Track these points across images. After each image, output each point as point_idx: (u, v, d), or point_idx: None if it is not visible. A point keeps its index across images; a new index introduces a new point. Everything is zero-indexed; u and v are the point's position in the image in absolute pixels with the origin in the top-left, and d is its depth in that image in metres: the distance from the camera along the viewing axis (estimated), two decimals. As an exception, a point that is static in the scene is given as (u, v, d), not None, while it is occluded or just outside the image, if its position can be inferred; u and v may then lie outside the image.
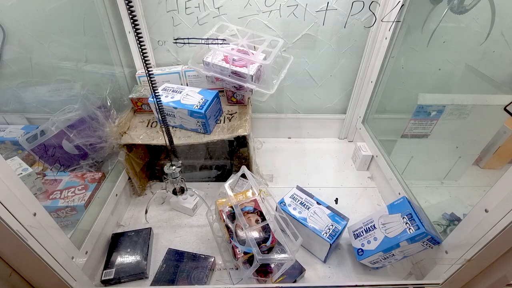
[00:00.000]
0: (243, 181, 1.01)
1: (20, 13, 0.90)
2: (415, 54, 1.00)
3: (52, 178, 0.87)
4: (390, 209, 0.78)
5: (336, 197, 1.04)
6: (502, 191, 0.51)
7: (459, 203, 0.86)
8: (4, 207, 0.45)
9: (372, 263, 0.78)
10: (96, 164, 0.98)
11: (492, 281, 0.56)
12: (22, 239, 0.48)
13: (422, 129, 0.94)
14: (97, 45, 1.00)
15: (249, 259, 0.75)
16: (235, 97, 1.00)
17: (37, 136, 0.87)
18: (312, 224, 0.80)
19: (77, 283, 0.63)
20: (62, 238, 0.61)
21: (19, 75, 1.01)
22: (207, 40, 0.90)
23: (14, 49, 0.95)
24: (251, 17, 1.00)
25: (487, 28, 0.80)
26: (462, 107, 0.87)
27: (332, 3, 0.97)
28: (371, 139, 1.12)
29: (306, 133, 1.33)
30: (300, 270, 0.78)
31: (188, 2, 0.97)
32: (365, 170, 1.16)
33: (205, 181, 1.11)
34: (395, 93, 1.09)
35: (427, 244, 0.69)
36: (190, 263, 0.79)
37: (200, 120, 0.86)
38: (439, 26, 0.88)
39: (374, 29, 1.00)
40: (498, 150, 0.95)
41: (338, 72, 1.14)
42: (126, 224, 0.94)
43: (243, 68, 0.87)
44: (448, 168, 0.94)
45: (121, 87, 1.04)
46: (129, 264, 0.79)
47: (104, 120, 0.88)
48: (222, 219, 0.81)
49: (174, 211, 0.98)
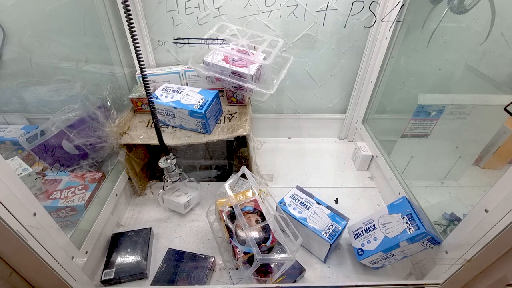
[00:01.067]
0: (243, 181, 1.01)
1: (20, 13, 0.90)
2: (415, 54, 1.00)
3: (52, 178, 0.87)
4: (390, 209, 0.78)
5: (336, 197, 1.04)
6: (502, 191, 0.51)
7: (459, 203, 0.86)
8: (4, 207, 0.45)
9: (372, 263, 0.78)
10: (96, 164, 0.98)
11: (492, 281, 0.56)
12: (22, 239, 0.48)
13: (422, 129, 0.94)
14: (97, 45, 1.00)
15: (249, 259, 0.75)
16: (235, 97, 1.00)
17: (37, 136, 0.88)
18: (312, 224, 0.80)
19: (77, 283, 0.63)
20: (62, 238, 0.61)
21: (19, 75, 1.01)
22: (207, 40, 0.90)
23: (14, 49, 0.95)
24: (251, 17, 1.00)
25: (487, 28, 0.80)
26: (462, 107, 0.87)
27: (332, 3, 0.97)
28: (371, 139, 1.12)
29: (306, 133, 1.33)
30: (300, 270, 0.78)
31: (188, 2, 0.97)
32: (365, 170, 1.16)
33: (205, 181, 1.11)
34: (395, 93, 1.09)
35: (427, 244, 0.69)
36: (190, 263, 0.79)
37: (200, 120, 0.86)
38: (439, 26, 0.88)
39: (374, 29, 1.00)
40: (498, 150, 0.95)
41: (338, 72, 1.14)
42: (126, 224, 0.94)
43: (243, 68, 0.87)
44: (448, 168, 0.94)
45: (121, 87, 1.04)
46: (129, 264, 0.79)
47: (104, 120, 0.88)
48: (222, 219, 0.81)
49: (174, 210, 0.98)
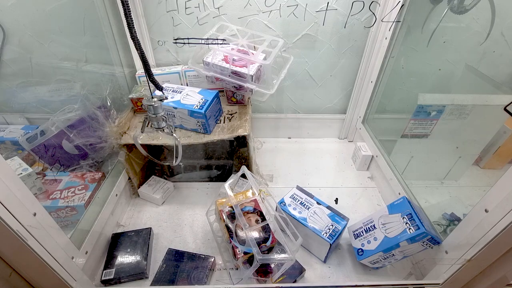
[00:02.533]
0: (243, 181, 1.01)
1: (20, 13, 0.90)
2: (415, 54, 1.00)
3: (52, 178, 0.87)
4: (390, 209, 0.78)
5: (336, 197, 1.04)
6: (502, 191, 0.51)
7: (459, 203, 0.86)
8: (4, 207, 0.45)
9: (372, 263, 0.78)
10: (96, 164, 0.98)
11: (492, 281, 0.56)
12: (22, 239, 0.48)
13: (422, 129, 0.94)
14: (97, 45, 1.00)
15: (249, 259, 0.75)
16: (235, 97, 1.00)
17: (37, 136, 0.87)
18: (312, 224, 0.80)
19: (77, 283, 0.63)
20: (62, 238, 0.61)
21: (19, 75, 1.01)
22: (207, 40, 0.90)
23: (14, 49, 0.95)
24: (251, 17, 1.00)
25: (487, 28, 0.80)
26: (462, 107, 0.87)
27: (332, 3, 0.97)
28: (371, 139, 1.12)
29: (306, 133, 1.33)
30: (300, 270, 0.78)
31: (188, 2, 0.97)
32: (365, 170, 1.16)
33: (205, 181, 1.11)
34: (395, 93, 1.09)
35: (427, 244, 0.69)
36: (190, 263, 0.79)
37: (200, 120, 0.86)
38: (439, 26, 0.88)
39: (374, 29, 1.00)
40: (498, 150, 0.95)
41: (338, 72, 1.14)
42: (126, 224, 0.94)
43: (243, 68, 0.87)
44: (448, 168, 0.94)
45: (121, 87, 1.04)
46: (129, 264, 0.79)
47: (104, 120, 0.88)
48: (222, 219, 0.81)
49: (173, 210, 0.98)
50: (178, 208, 0.99)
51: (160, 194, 0.99)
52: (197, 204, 1.01)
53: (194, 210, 0.98)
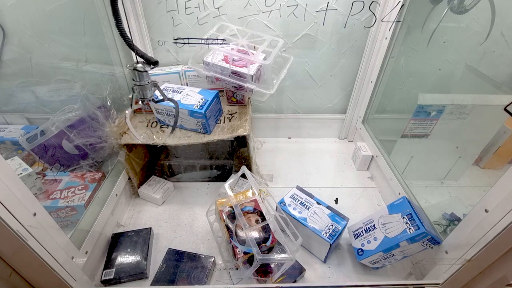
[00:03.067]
0: (243, 181, 1.01)
1: (20, 13, 0.90)
2: (415, 54, 1.00)
3: (52, 178, 0.87)
4: (390, 209, 0.78)
5: (336, 197, 1.04)
6: (502, 191, 0.51)
7: (459, 203, 0.86)
8: (4, 207, 0.45)
9: (372, 263, 0.78)
10: (96, 164, 0.98)
11: (492, 281, 0.56)
12: (22, 239, 0.48)
13: (422, 129, 0.94)
14: (97, 45, 1.00)
15: (249, 259, 0.75)
16: (235, 97, 1.00)
17: (37, 136, 0.88)
18: (312, 224, 0.80)
19: (77, 283, 0.63)
20: (62, 238, 0.61)
21: (19, 75, 1.01)
22: (207, 40, 0.90)
23: (14, 49, 0.95)
24: (251, 17, 1.00)
25: (487, 28, 0.80)
26: (462, 107, 0.87)
27: (332, 3, 0.97)
28: (371, 139, 1.12)
29: (306, 133, 1.33)
30: (300, 270, 0.78)
31: (188, 2, 0.97)
32: (365, 170, 1.16)
33: (205, 181, 1.11)
34: (395, 93, 1.09)
35: (427, 244, 0.69)
36: (190, 263, 0.79)
37: (200, 120, 0.86)
38: (439, 26, 0.88)
39: (374, 29, 1.00)
40: (498, 150, 0.95)
41: (338, 72, 1.14)
42: (126, 224, 0.94)
43: (243, 68, 0.87)
44: (448, 168, 0.94)
45: (121, 87, 1.04)
46: (129, 264, 0.79)
47: (104, 120, 0.88)
48: (222, 219, 0.81)
49: (173, 210, 0.98)
50: (178, 208, 0.99)
51: (160, 194, 0.99)
52: (197, 204, 1.01)
53: (194, 210, 0.98)
